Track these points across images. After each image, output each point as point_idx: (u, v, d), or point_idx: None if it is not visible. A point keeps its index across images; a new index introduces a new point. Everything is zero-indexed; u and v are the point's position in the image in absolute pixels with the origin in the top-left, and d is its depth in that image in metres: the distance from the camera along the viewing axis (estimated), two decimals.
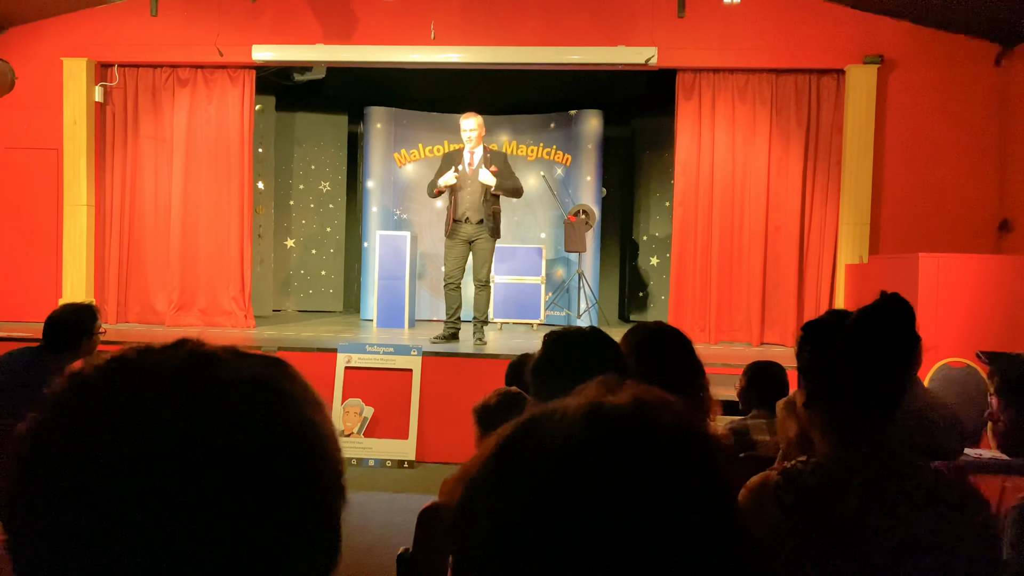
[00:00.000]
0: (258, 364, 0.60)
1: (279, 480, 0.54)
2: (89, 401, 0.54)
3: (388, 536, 3.96)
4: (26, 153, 7.83)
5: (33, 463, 0.53)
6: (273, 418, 0.56)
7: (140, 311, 7.95)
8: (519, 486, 0.57)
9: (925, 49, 7.21)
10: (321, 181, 10.04)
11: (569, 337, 1.56)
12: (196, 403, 0.54)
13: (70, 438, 0.52)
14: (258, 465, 0.53)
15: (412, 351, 5.88)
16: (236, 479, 0.52)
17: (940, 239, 6.89)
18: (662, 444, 0.57)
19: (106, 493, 0.50)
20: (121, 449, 0.51)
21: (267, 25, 7.63)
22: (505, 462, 0.60)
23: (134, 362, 0.56)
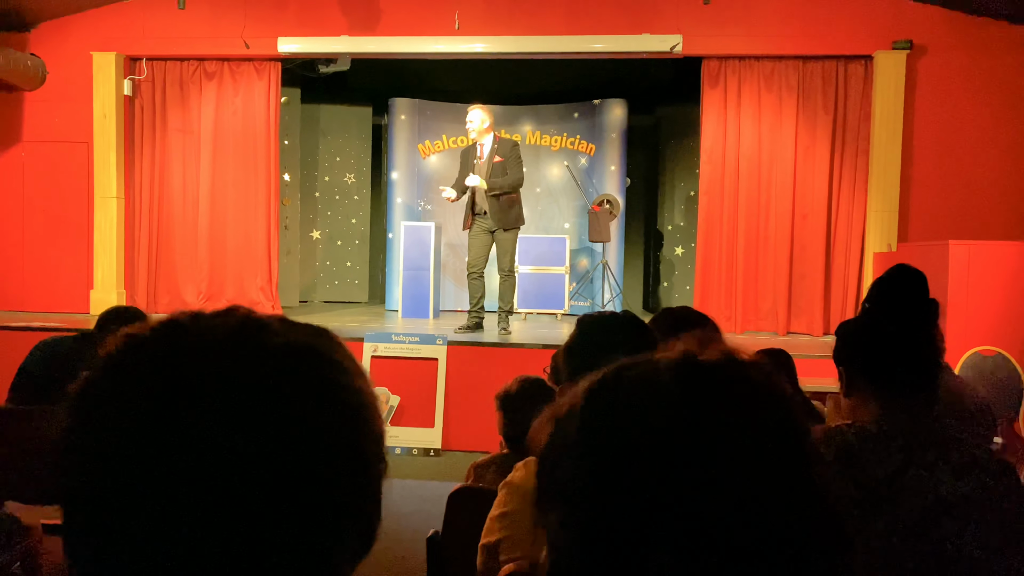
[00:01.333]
0: (306, 332, 0.62)
1: (327, 444, 0.55)
2: (142, 361, 0.54)
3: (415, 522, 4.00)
4: (57, 146, 7.96)
5: (85, 420, 0.53)
6: (321, 384, 0.57)
7: (169, 301, 8.06)
8: (611, 431, 0.57)
9: (955, 34, 7.09)
10: (346, 173, 10.10)
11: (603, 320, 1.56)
12: (246, 367, 0.54)
13: (122, 396, 0.52)
14: (306, 429, 0.54)
15: (437, 340, 5.92)
16: (285, 443, 0.53)
17: (970, 226, 6.79)
18: (752, 398, 0.57)
19: (155, 452, 0.50)
20: (171, 410, 0.51)
21: (292, 17, 7.67)
22: (597, 407, 0.60)
23: (187, 325, 0.57)
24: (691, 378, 0.58)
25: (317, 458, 0.54)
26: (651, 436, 0.55)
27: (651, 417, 0.56)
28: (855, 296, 7.28)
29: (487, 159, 6.52)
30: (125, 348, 0.56)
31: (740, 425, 0.56)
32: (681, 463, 0.54)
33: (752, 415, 0.56)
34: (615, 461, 0.56)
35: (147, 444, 0.51)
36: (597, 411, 0.59)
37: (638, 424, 0.56)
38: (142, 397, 0.52)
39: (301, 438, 0.54)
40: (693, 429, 0.55)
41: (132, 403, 0.52)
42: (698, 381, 0.58)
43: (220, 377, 0.53)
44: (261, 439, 0.52)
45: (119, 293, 7.85)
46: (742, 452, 0.54)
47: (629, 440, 0.56)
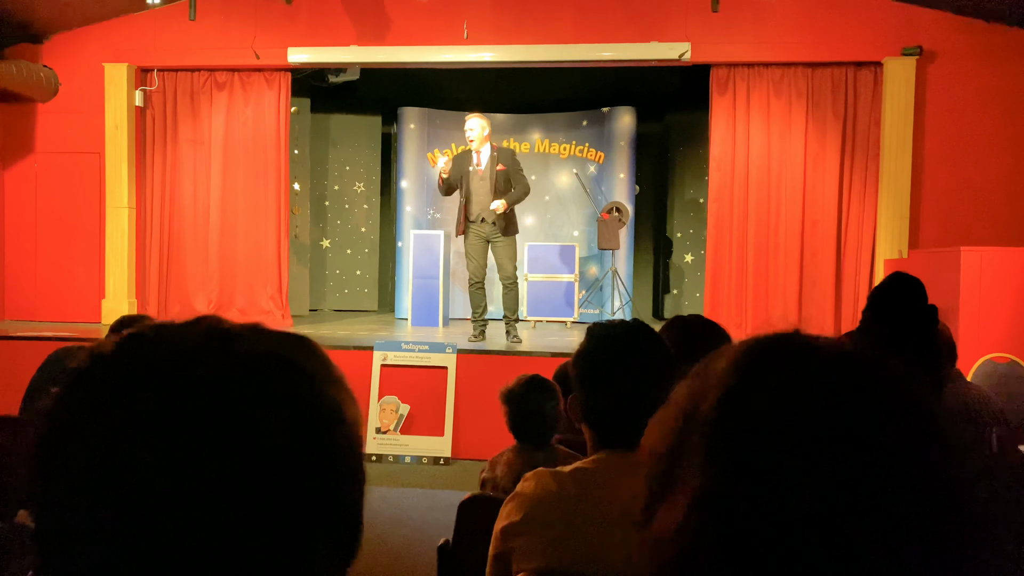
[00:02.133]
0: (276, 341, 0.60)
1: (291, 454, 0.54)
2: (106, 376, 0.54)
3: (426, 530, 4.00)
4: (69, 157, 8.02)
5: (52, 439, 0.53)
6: (287, 394, 0.56)
7: (180, 310, 8.09)
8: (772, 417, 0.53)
9: (965, 40, 7.07)
10: (355, 182, 10.13)
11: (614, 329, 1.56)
12: (209, 378, 0.54)
13: (87, 413, 0.53)
14: (270, 439, 0.53)
15: (447, 349, 5.92)
16: (249, 453, 0.52)
17: (982, 233, 6.76)
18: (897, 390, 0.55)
19: (122, 467, 0.50)
20: (133, 423, 0.51)
21: (302, 28, 7.72)
22: (751, 393, 0.56)
23: (150, 337, 0.57)
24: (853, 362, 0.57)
25: (281, 468, 0.53)
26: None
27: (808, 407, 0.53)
28: (866, 303, 7.24)
29: (487, 168, 6.48)
30: (90, 362, 0.56)
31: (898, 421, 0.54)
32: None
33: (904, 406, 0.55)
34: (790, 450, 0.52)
35: (111, 457, 0.51)
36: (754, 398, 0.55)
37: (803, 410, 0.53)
38: (105, 411, 0.52)
39: (265, 448, 0.53)
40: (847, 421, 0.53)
41: (96, 417, 0.52)
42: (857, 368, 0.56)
43: (182, 388, 0.53)
44: (224, 450, 0.52)
45: (130, 302, 7.89)
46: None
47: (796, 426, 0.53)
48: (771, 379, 0.55)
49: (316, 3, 7.72)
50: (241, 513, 0.51)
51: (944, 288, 5.48)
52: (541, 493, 1.37)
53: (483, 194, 6.44)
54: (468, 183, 6.48)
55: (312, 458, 0.55)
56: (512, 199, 6.44)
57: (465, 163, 6.55)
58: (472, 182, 6.48)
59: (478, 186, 6.47)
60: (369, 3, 7.65)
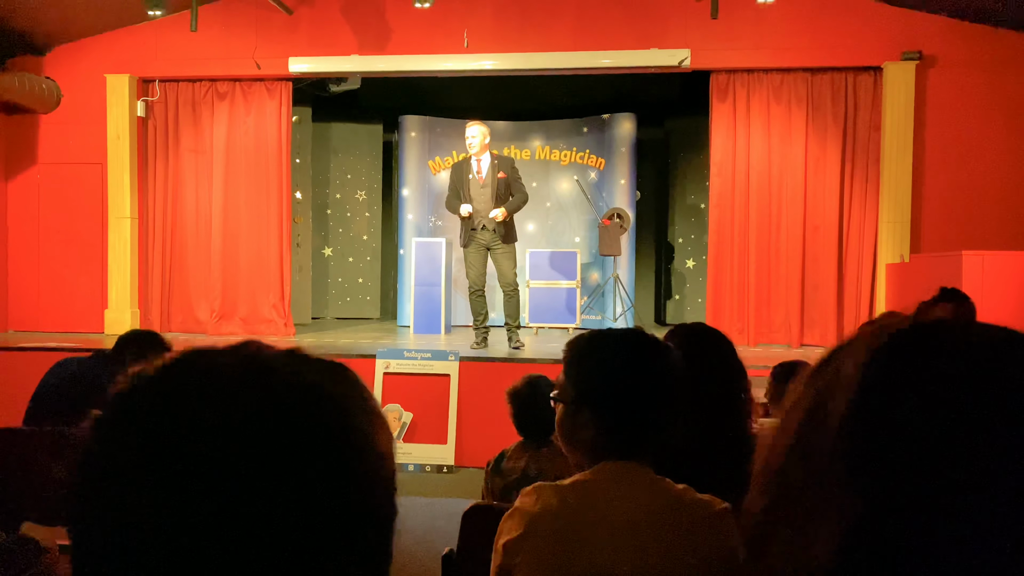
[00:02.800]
0: (316, 370, 0.60)
1: (326, 488, 0.54)
2: (146, 402, 0.55)
3: (429, 539, 3.99)
4: (72, 168, 8.04)
5: (95, 461, 0.54)
6: (319, 432, 0.56)
7: (183, 320, 8.10)
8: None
9: (964, 44, 7.08)
10: (357, 190, 10.15)
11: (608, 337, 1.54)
12: (248, 410, 0.54)
13: (129, 437, 0.54)
14: (305, 473, 0.54)
15: (449, 356, 5.92)
16: (283, 487, 0.53)
17: (984, 237, 6.76)
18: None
19: (156, 493, 0.51)
20: (171, 452, 0.52)
21: (303, 38, 7.75)
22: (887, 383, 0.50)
23: (193, 363, 0.57)
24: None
25: (316, 502, 0.54)
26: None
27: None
28: (868, 307, 7.25)
29: (488, 175, 6.49)
30: (131, 388, 0.57)
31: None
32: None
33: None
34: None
35: (148, 484, 0.52)
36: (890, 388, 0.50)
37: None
38: (145, 438, 0.53)
39: (299, 482, 0.53)
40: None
41: (136, 443, 0.53)
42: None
43: (221, 419, 0.53)
44: (258, 483, 0.52)
45: (133, 312, 7.90)
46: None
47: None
48: (919, 371, 0.49)
49: (317, 13, 7.75)
50: (275, 546, 0.52)
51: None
52: (542, 508, 1.36)
53: (483, 202, 6.45)
54: (468, 191, 6.48)
55: (346, 492, 0.56)
56: (512, 207, 6.46)
57: (465, 171, 6.54)
58: (472, 190, 6.48)
59: (479, 194, 6.47)
60: (370, 13, 7.68)
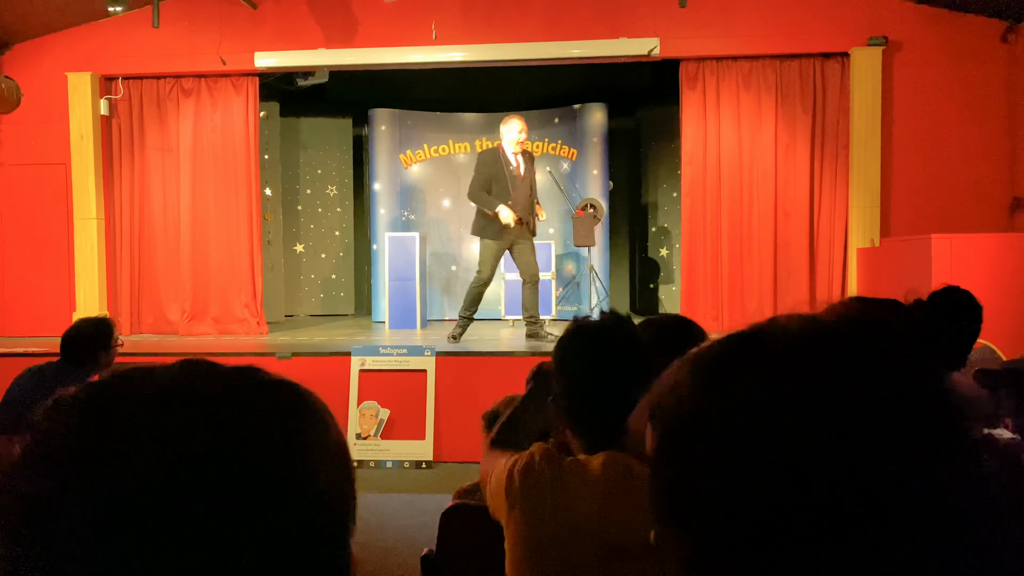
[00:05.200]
0: (256, 404, 0.55)
1: (248, 543, 0.50)
2: (62, 435, 0.52)
3: (409, 536, 3.98)
4: (34, 169, 7.88)
5: (14, 488, 0.51)
6: (247, 475, 0.52)
7: (153, 321, 7.99)
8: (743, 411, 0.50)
9: (930, 28, 7.15)
10: (328, 185, 10.06)
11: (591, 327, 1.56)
12: (162, 448, 0.51)
13: (43, 471, 0.51)
14: (218, 525, 0.50)
15: (426, 352, 5.89)
16: (195, 538, 0.49)
17: (952, 220, 6.84)
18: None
19: (71, 531, 0.49)
20: (83, 489, 0.49)
21: (269, 32, 7.64)
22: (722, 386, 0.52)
23: (112, 389, 0.54)
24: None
25: (243, 555, 0.51)
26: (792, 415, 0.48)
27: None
28: (840, 291, 7.32)
29: (525, 169, 6.45)
30: (49, 419, 0.53)
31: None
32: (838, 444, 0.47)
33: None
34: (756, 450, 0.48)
35: (58, 520, 0.49)
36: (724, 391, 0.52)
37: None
38: (57, 475, 0.50)
39: (220, 534, 0.50)
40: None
41: (49, 479, 0.50)
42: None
43: (131, 462, 0.50)
44: (173, 532, 0.49)
45: (102, 315, 7.76)
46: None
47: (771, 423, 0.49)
48: (728, 389, 0.51)
49: (282, 7, 7.65)
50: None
51: (915, 275, 5.54)
52: (546, 453, 1.42)
53: (524, 197, 6.38)
54: (509, 187, 6.37)
55: (275, 554, 0.52)
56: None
57: (500, 164, 6.43)
58: (512, 185, 6.38)
59: (519, 189, 6.38)
60: (336, 6, 7.59)
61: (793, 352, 0.51)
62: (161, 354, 6.34)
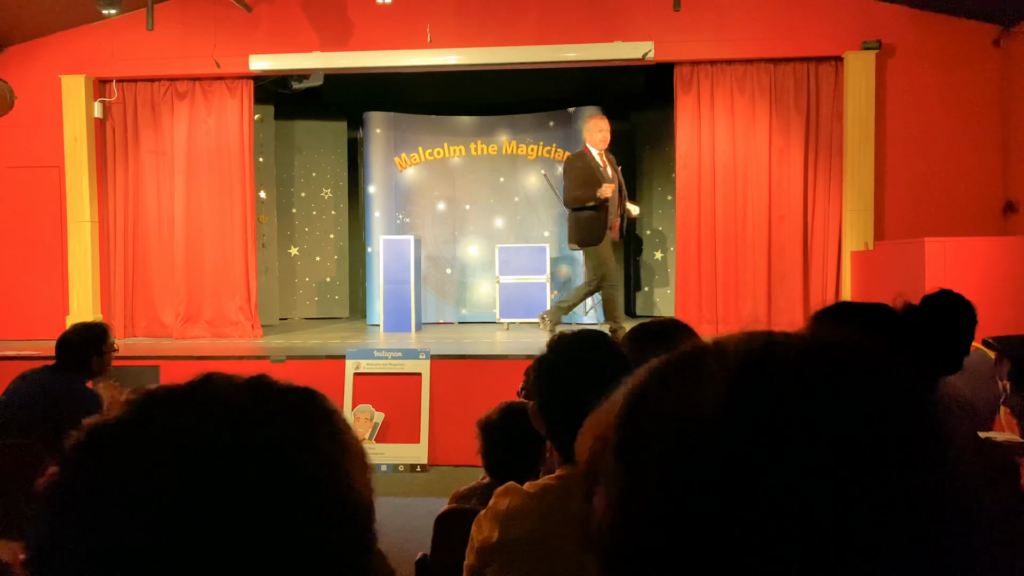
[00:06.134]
0: (275, 409, 0.59)
1: (278, 541, 0.53)
2: (107, 453, 0.54)
3: (404, 540, 3.97)
4: (28, 171, 7.86)
5: (60, 501, 0.53)
6: (278, 478, 0.54)
7: (147, 325, 7.97)
8: (655, 452, 0.48)
9: (923, 33, 7.18)
10: (323, 188, 10.06)
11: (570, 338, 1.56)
12: (202, 459, 0.53)
13: (92, 482, 0.53)
14: (256, 525, 0.52)
15: (420, 355, 5.89)
16: (236, 537, 0.51)
17: (945, 223, 6.87)
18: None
19: (117, 542, 0.51)
20: (132, 498, 0.51)
21: (263, 35, 7.64)
22: (639, 423, 0.51)
23: (150, 412, 0.56)
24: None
25: (275, 553, 0.53)
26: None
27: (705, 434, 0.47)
28: (833, 294, 7.34)
29: (612, 169, 6.48)
30: (92, 438, 0.55)
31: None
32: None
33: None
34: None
35: (106, 532, 0.51)
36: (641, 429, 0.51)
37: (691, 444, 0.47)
38: (106, 487, 0.52)
39: (257, 532, 0.52)
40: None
41: (97, 491, 0.52)
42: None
43: (179, 473, 0.52)
44: (215, 534, 0.51)
45: (96, 318, 7.74)
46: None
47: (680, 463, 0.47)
48: (650, 411, 0.50)
49: (277, 10, 7.64)
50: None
51: (909, 279, 5.56)
52: (515, 510, 1.36)
53: (614, 200, 6.42)
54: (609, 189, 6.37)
55: (303, 547, 0.54)
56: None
57: (592, 164, 6.42)
58: (607, 183, 6.38)
59: (613, 191, 6.42)
60: (331, 9, 7.59)
61: (730, 371, 0.49)
62: (155, 357, 6.32)
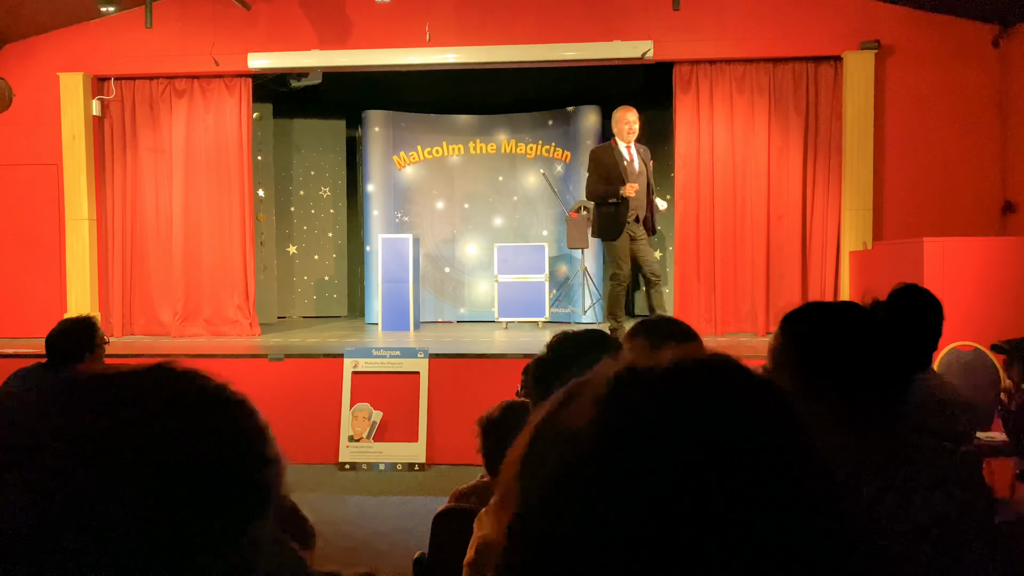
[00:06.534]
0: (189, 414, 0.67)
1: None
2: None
3: (402, 539, 3.97)
4: (26, 169, 7.84)
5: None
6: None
7: (145, 323, 7.96)
8: (541, 473, 0.52)
9: (922, 33, 7.18)
10: (321, 186, 10.05)
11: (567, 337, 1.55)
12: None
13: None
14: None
15: (419, 354, 5.88)
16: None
17: (944, 223, 6.87)
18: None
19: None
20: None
21: (262, 33, 7.63)
22: (535, 441, 0.55)
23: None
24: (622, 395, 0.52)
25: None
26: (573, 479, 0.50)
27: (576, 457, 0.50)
28: (832, 294, 7.34)
29: (639, 162, 6.23)
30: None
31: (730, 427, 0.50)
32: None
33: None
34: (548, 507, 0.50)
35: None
36: (535, 447, 0.54)
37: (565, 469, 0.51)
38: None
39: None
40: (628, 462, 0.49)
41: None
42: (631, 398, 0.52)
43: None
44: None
45: (94, 316, 7.72)
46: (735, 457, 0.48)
47: (559, 483, 0.50)
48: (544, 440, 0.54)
49: (276, 8, 7.63)
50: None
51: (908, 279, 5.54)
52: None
53: (640, 193, 6.17)
54: (625, 180, 6.15)
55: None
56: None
57: (617, 157, 6.21)
58: (628, 177, 6.17)
59: (634, 181, 6.16)
60: (330, 7, 7.58)
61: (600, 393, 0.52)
62: (153, 356, 6.31)
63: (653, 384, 0.52)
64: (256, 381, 5.87)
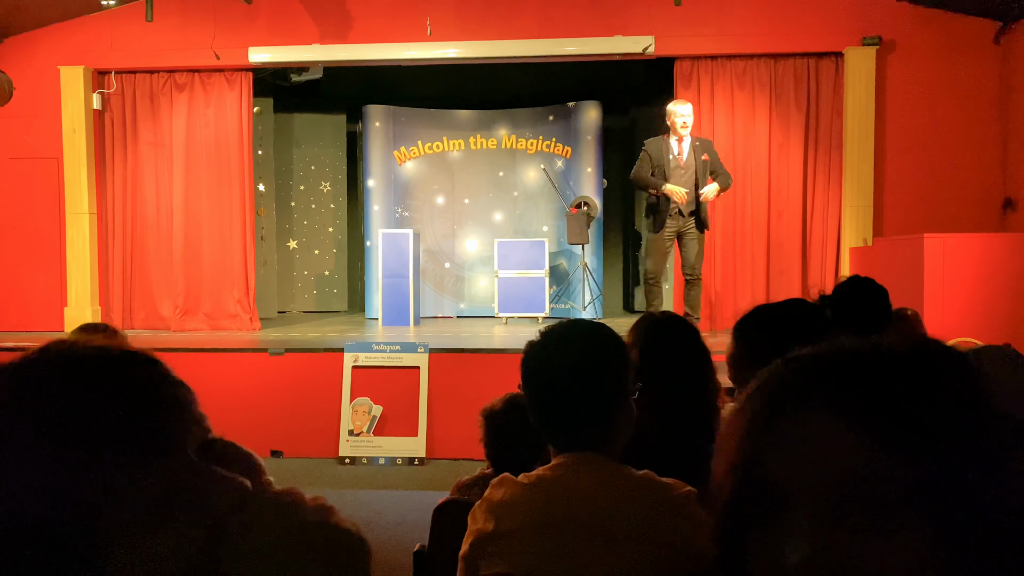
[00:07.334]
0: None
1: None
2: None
3: (402, 533, 3.98)
4: (26, 163, 7.84)
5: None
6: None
7: (146, 317, 7.97)
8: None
9: (923, 29, 7.18)
10: (321, 181, 10.04)
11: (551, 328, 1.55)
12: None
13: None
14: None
15: (419, 348, 5.88)
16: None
17: (944, 219, 6.87)
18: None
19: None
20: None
21: (263, 27, 7.62)
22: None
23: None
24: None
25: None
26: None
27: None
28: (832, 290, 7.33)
29: (689, 157, 6.13)
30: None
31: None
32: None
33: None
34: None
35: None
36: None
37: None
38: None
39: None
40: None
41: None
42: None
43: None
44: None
45: (94, 310, 7.74)
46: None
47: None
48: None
49: (277, 2, 7.62)
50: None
51: (908, 275, 5.56)
52: (511, 500, 1.36)
53: (685, 185, 6.09)
54: (667, 174, 6.09)
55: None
56: (723, 185, 6.15)
57: (664, 150, 6.13)
58: (671, 172, 6.10)
59: (678, 177, 6.10)
60: (331, 1, 7.57)
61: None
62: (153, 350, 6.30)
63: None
64: (256, 375, 5.88)
